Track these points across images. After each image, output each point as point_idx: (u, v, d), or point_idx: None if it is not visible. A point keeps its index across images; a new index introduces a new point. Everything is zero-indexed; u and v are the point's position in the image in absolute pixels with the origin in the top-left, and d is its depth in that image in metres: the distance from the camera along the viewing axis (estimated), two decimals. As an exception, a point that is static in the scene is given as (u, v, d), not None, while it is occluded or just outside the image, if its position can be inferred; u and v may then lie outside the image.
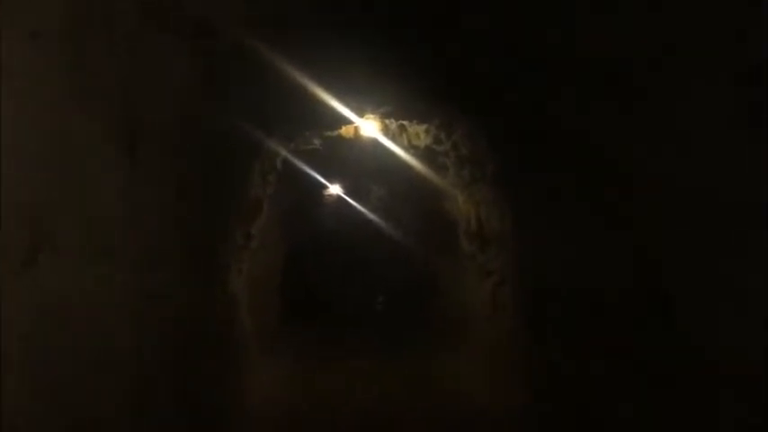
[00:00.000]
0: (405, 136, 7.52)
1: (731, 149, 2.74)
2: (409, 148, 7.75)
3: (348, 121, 6.98)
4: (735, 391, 2.68)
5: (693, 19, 2.99)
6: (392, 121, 7.24)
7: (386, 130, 7.50)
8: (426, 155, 7.74)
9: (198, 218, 4.23)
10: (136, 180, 2.81)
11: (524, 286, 6.04)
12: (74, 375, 2.32)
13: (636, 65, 3.65)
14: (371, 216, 14.81)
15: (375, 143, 7.83)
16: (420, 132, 7.36)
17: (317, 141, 7.51)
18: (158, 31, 2.92)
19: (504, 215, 6.12)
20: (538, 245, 5.44)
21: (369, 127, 7.41)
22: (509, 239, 6.22)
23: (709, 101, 2.90)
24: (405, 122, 7.24)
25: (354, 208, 14.86)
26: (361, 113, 6.81)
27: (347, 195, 14.30)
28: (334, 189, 13.28)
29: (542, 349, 5.57)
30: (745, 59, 2.66)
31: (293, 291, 12.66)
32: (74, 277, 2.28)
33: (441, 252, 10.34)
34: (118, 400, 2.74)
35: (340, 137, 7.54)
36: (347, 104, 6.33)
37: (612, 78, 3.85)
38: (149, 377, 3.20)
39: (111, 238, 2.59)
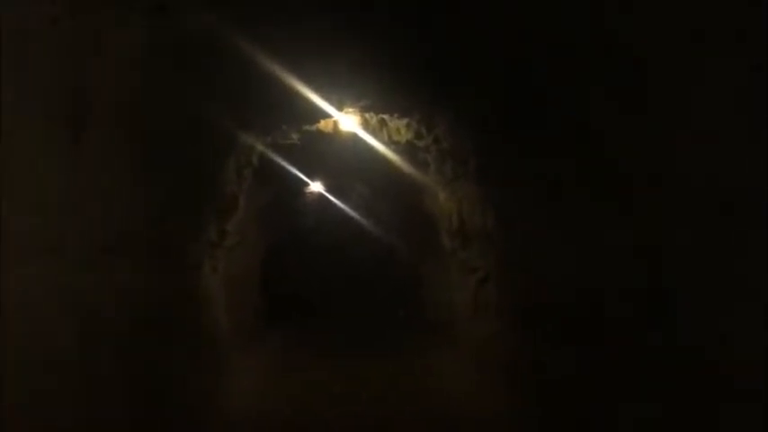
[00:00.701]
0: (385, 131, 7.32)
1: (737, 142, 2.59)
2: (390, 143, 7.55)
3: (327, 115, 6.76)
4: (735, 393, 2.53)
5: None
6: (372, 115, 7.03)
7: (366, 125, 7.30)
8: (407, 150, 7.55)
9: (164, 212, 3.98)
10: (82, 167, 2.57)
11: (509, 284, 5.89)
12: (15, 377, 2.10)
13: (636, 51, 3.49)
14: (353, 213, 14.60)
15: (355, 138, 7.62)
16: (401, 127, 7.15)
17: (294, 136, 7.27)
18: (108, 4, 2.67)
19: (488, 211, 5.95)
20: (523, 242, 5.29)
21: (348, 121, 7.20)
22: (493, 236, 6.05)
23: (718, 92, 2.75)
24: (385, 116, 7.03)
25: (335, 205, 14.64)
26: (340, 107, 6.59)
27: (328, 192, 14.07)
28: (315, 186, 13.03)
29: (529, 349, 5.41)
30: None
31: (273, 289, 12.41)
32: (13, 275, 2.06)
33: (423, 250, 10.17)
34: (65, 404, 2.51)
35: (319, 131, 7.31)
36: (326, 97, 6.11)
37: (610, 65, 3.69)
38: (101, 379, 2.97)
39: (54, 232, 2.36)
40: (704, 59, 2.95)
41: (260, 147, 6.78)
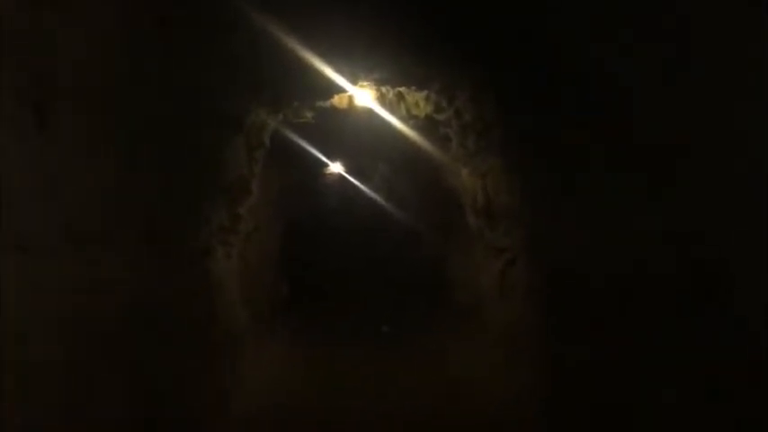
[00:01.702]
0: (403, 105, 7.00)
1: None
2: (408, 118, 7.23)
3: (340, 90, 6.47)
4: None
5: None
6: (389, 88, 6.72)
7: (382, 99, 6.99)
8: (427, 125, 7.23)
9: (160, 198, 3.74)
10: (52, 152, 2.33)
11: (538, 265, 5.58)
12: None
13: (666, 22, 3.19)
14: (373, 194, 14.34)
15: (371, 114, 7.32)
16: (419, 100, 6.83)
17: (308, 113, 7.01)
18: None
19: (514, 187, 5.63)
20: (553, 220, 4.97)
21: (363, 96, 6.89)
22: (520, 214, 5.73)
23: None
24: (402, 90, 6.72)
25: (355, 186, 14.39)
26: (354, 80, 6.30)
27: (347, 172, 13.82)
28: (334, 166, 12.78)
29: (559, 335, 5.12)
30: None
31: (293, 275, 12.24)
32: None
33: (447, 230, 9.88)
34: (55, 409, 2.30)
35: (333, 108, 7.03)
36: (339, 70, 5.83)
37: (643, 32, 3.37)
38: (92, 385, 2.75)
39: (25, 223, 2.12)
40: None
41: (271, 126, 6.51)
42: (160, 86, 3.72)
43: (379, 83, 6.41)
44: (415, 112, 6.98)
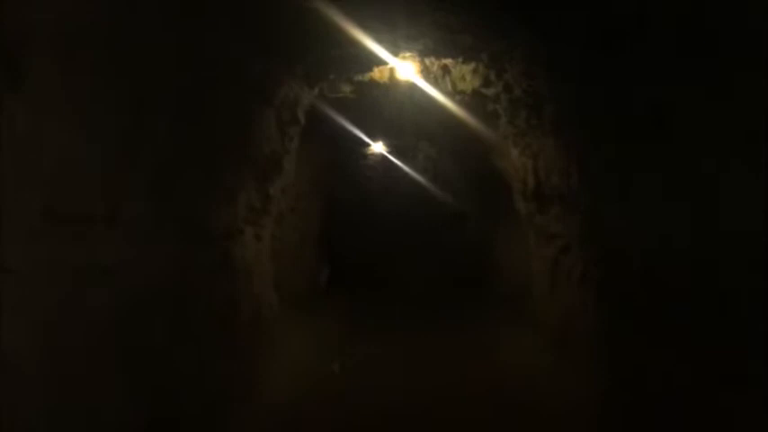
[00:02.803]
0: (448, 79, 6.64)
1: None
2: (454, 93, 6.86)
3: (381, 62, 6.14)
4: None
5: None
6: (433, 60, 6.36)
7: (426, 73, 6.63)
8: (474, 100, 6.85)
9: (173, 175, 3.49)
10: (26, 120, 2.06)
11: (594, 254, 5.18)
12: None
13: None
14: (417, 176, 13.99)
15: (414, 88, 6.96)
16: (466, 73, 6.46)
17: (346, 88, 6.71)
18: None
19: (569, 168, 5.22)
20: (611, 203, 4.56)
21: (406, 68, 6.54)
22: (575, 197, 5.33)
23: None
24: (448, 62, 6.35)
25: (396, 166, 14.06)
26: (395, 51, 5.97)
27: (388, 152, 13.48)
28: (375, 146, 12.47)
29: (617, 328, 4.74)
30: None
31: (331, 258, 12.03)
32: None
33: (494, 214, 9.50)
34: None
35: (373, 81, 6.70)
36: (378, 39, 5.49)
37: None
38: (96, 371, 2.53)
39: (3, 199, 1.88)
40: None
41: (306, 100, 6.23)
42: (177, 50, 3.45)
43: (422, 54, 6.05)
44: (461, 86, 6.62)
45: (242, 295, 5.12)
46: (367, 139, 11.27)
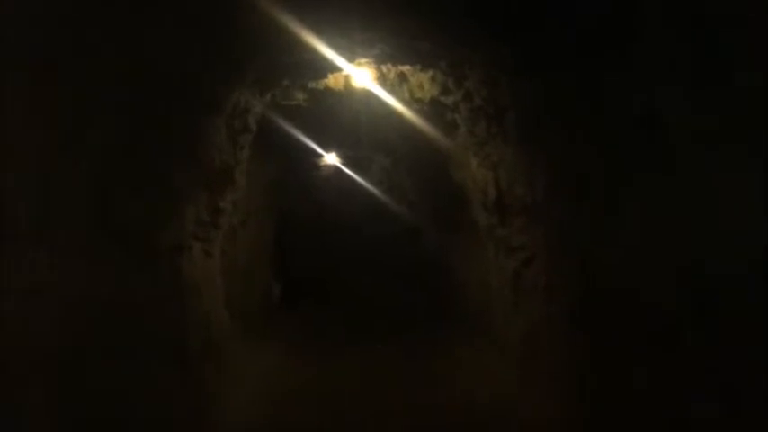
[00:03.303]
0: (405, 87, 6.49)
1: None
2: (411, 101, 6.70)
3: (336, 69, 5.97)
4: None
5: None
6: (389, 67, 6.20)
7: (383, 80, 6.46)
8: (432, 109, 6.70)
9: (119, 186, 3.22)
10: None
11: (559, 267, 5.06)
12: None
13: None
14: (371, 188, 13.82)
15: (370, 97, 6.78)
16: (424, 81, 6.32)
17: (299, 95, 6.49)
18: None
19: (532, 178, 5.10)
20: (580, 213, 4.44)
21: (362, 76, 6.36)
22: (539, 208, 5.21)
23: None
24: (405, 69, 6.19)
25: (351, 178, 13.86)
26: (351, 58, 5.79)
27: (342, 163, 13.27)
28: (329, 157, 12.24)
29: (585, 347, 4.61)
30: None
31: (284, 274, 11.73)
32: None
33: (452, 227, 9.36)
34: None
35: (327, 89, 6.50)
36: (333, 45, 5.30)
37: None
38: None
39: None
40: None
41: (257, 108, 5.98)
42: (116, 54, 3.18)
43: (379, 60, 5.90)
44: (419, 94, 6.48)
45: (191, 315, 4.82)
46: (320, 150, 11.04)
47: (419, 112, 6.95)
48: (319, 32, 4.99)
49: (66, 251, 2.69)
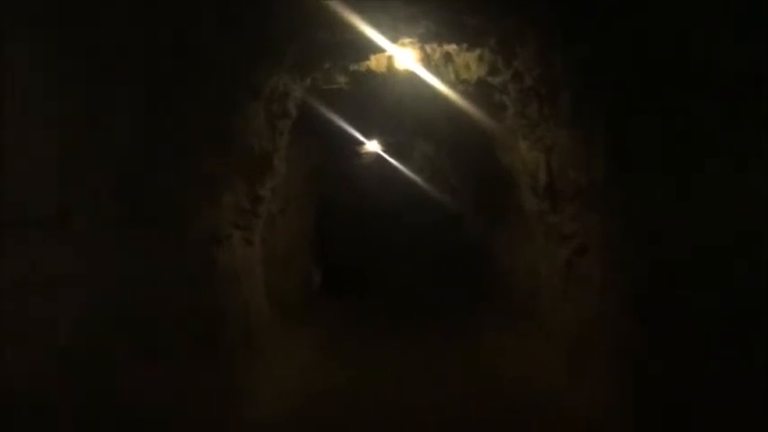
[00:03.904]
0: (451, 68, 6.21)
1: None
2: (457, 83, 6.44)
3: (378, 49, 5.75)
4: None
5: None
6: (434, 47, 5.94)
7: (427, 61, 6.20)
8: (479, 91, 6.42)
9: (156, 174, 3.07)
10: None
11: (615, 256, 4.77)
12: None
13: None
14: (414, 176, 13.59)
15: (414, 78, 6.53)
16: (470, 61, 6.05)
17: (341, 78, 6.28)
18: None
19: (591, 162, 4.81)
20: (641, 199, 4.15)
21: (405, 56, 6.12)
22: (593, 193, 4.92)
23: None
24: (450, 48, 5.93)
25: (393, 166, 13.64)
26: (394, 37, 5.57)
27: (386, 148, 13.04)
28: (370, 144, 12.03)
29: (640, 340, 4.33)
30: None
31: (324, 262, 11.60)
32: None
33: (498, 213, 9.07)
34: None
35: (369, 71, 6.27)
36: (375, 23, 5.09)
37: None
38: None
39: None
40: None
41: (297, 92, 5.80)
42: (146, 38, 3.02)
43: (423, 39, 5.67)
44: (465, 75, 6.21)
45: (228, 305, 4.68)
46: (361, 138, 10.84)
47: (464, 93, 6.68)
48: (360, 9, 4.78)
49: (93, 240, 2.55)
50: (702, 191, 3.59)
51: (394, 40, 5.62)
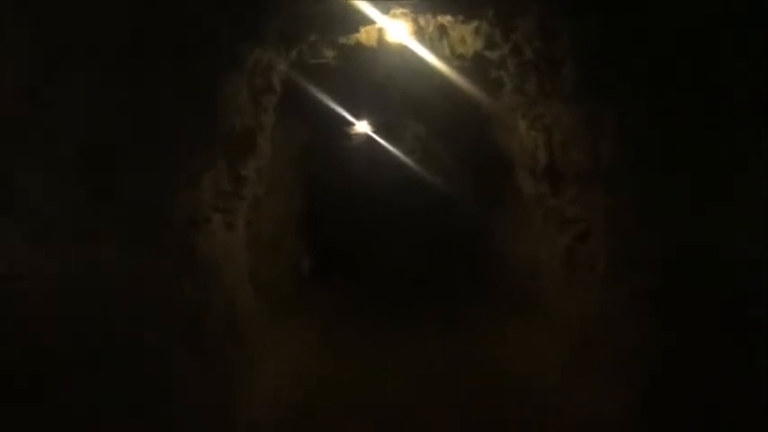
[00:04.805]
0: (446, 41, 5.92)
1: None
2: (452, 58, 6.14)
3: (368, 21, 5.47)
4: None
5: None
6: (428, 18, 5.64)
7: (420, 34, 5.90)
8: (475, 66, 6.13)
9: (125, 153, 2.78)
10: None
11: (620, 242, 4.54)
12: None
13: None
14: (407, 159, 13.34)
15: (406, 53, 6.22)
16: (466, 35, 5.75)
17: (328, 52, 5.98)
18: None
19: (595, 141, 4.55)
20: (644, 184, 3.92)
21: (397, 29, 5.82)
22: (598, 176, 4.67)
23: None
24: (445, 21, 5.63)
25: (384, 147, 13.38)
26: (385, 8, 5.30)
27: (376, 129, 12.75)
28: (360, 125, 11.74)
29: (649, 331, 4.11)
30: None
31: (312, 248, 11.31)
32: None
33: (494, 197, 8.82)
34: None
35: (358, 45, 5.97)
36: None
37: None
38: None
39: None
40: None
41: (281, 65, 5.49)
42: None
43: (416, 10, 5.39)
44: (460, 50, 5.92)
45: (210, 293, 4.41)
46: (351, 118, 10.54)
47: (460, 69, 6.39)
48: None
49: (52, 229, 2.27)
50: (724, 174, 3.37)
51: (385, 11, 5.35)
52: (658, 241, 3.99)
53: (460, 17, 5.44)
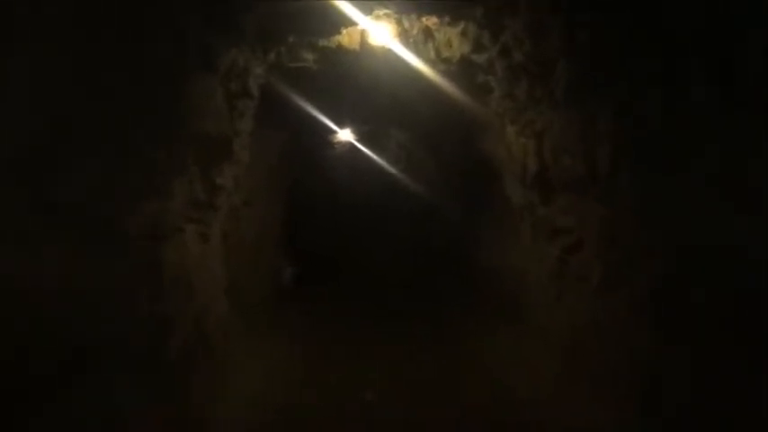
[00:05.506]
0: (431, 44, 5.72)
1: None
2: (437, 62, 5.94)
3: (350, 22, 5.29)
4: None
5: None
6: (412, 20, 5.45)
7: (404, 37, 5.69)
8: (462, 70, 5.93)
9: (79, 157, 2.53)
10: None
11: (616, 253, 4.34)
12: None
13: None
14: (391, 168, 13.16)
15: (389, 56, 6.00)
16: (453, 37, 5.56)
17: (308, 55, 5.75)
18: None
19: (589, 147, 4.35)
20: (642, 184, 3.75)
21: (380, 31, 5.61)
22: (590, 184, 4.48)
23: None
24: (431, 23, 5.44)
25: (367, 156, 13.21)
26: (367, 9, 5.10)
27: (359, 137, 12.55)
28: (342, 133, 11.53)
29: (644, 345, 3.95)
30: None
31: (291, 259, 11.08)
32: None
33: (480, 206, 8.63)
34: None
35: (340, 47, 5.75)
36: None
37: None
38: None
39: None
40: None
41: (258, 68, 5.26)
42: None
43: (400, 11, 5.20)
44: (446, 53, 5.73)
45: (178, 307, 4.14)
46: (333, 126, 10.29)
47: (446, 73, 6.18)
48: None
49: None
50: (728, 181, 3.20)
51: (368, 12, 5.16)
52: (658, 243, 3.82)
53: (446, 18, 5.25)
